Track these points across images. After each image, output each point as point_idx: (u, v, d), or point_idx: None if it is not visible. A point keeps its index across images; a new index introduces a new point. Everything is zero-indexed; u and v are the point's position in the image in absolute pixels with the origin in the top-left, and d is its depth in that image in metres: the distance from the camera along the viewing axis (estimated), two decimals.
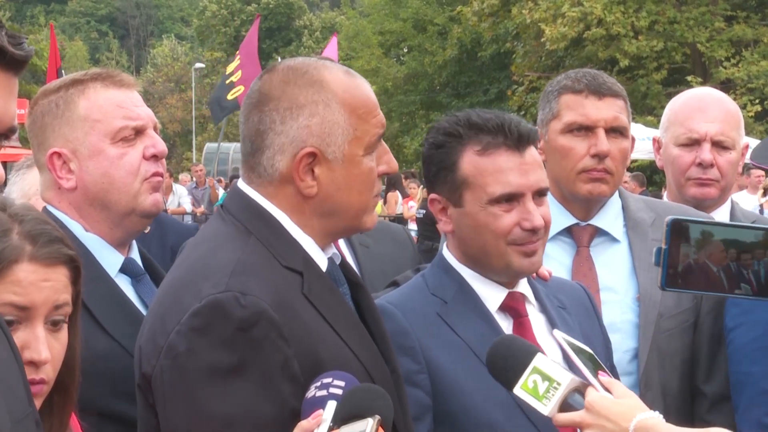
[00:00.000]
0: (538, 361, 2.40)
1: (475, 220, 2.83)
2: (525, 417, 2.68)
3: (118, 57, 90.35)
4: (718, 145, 3.79)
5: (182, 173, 29.55)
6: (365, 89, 2.51)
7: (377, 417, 2.11)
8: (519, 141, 2.80)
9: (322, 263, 2.49)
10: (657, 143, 3.99)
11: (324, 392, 2.22)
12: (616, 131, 3.41)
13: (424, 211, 15.85)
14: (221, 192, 22.38)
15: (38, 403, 2.17)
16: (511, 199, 2.79)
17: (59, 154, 2.91)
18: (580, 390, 2.38)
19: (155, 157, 2.97)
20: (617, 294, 3.40)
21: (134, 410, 2.65)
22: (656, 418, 2.29)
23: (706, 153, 3.77)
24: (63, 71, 16.05)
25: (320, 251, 2.49)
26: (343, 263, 2.64)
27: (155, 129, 3.02)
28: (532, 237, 2.79)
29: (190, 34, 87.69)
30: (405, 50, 45.46)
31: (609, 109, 3.40)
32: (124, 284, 2.94)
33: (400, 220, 19.18)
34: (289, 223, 2.45)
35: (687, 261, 2.39)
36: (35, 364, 2.18)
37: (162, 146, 2.99)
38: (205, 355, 2.25)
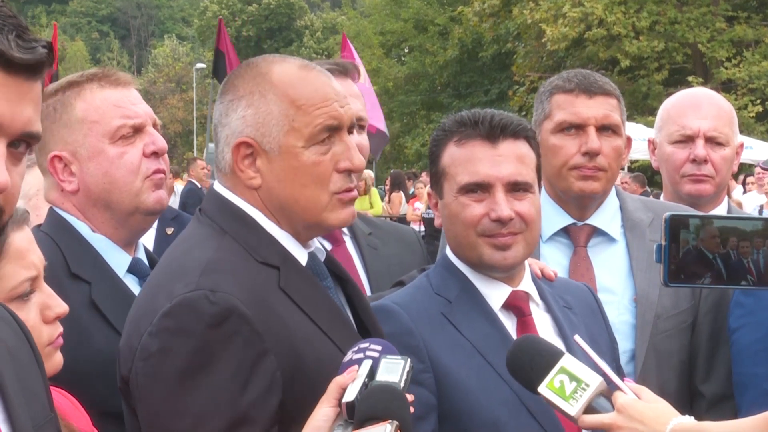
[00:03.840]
0: (565, 361, 2.40)
1: (449, 210, 2.86)
2: (530, 415, 2.69)
3: (119, 57, 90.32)
4: (712, 141, 3.81)
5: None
6: (317, 82, 2.46)
7: (395, 423, 2.10)
8: (491, 132, 2.81)
9: (301, 258, 2.48)
10: (652, 144, 4.01)
11: (361, 355, 2.23)
12: (608, 129, 3.40)
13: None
14: None
15: None
16: (481, 189, 2.80)
17: (60, 158, 2.91)
18: (605, 394, 2.38)
19: (155, 154, 2.95)
20: (615, 295, 3.40)
21: None
22: (692, 421, 2.28)
23: (699, 149, 3.79)
24: (59, 75, 15.72)
25: (299, 246, 2.49)
26: (329, 258, 2.63)
27: (155, 126, 3.00)
28: (500, 229, 2.78)
29: (191, 34, 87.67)
30: (406, 50, 45.48)
31: (600, 107, 3.40)
32: (132, 284, 2.94)
33: (403, 220, 19.15)
34: (263, 219, 2.46)
35: (687, 255, 2.39)
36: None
37: (162, 143, 2.97)
38: (177, 354, 2.26)
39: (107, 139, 2.90)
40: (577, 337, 2.54)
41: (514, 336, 2.80)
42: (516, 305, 2.86)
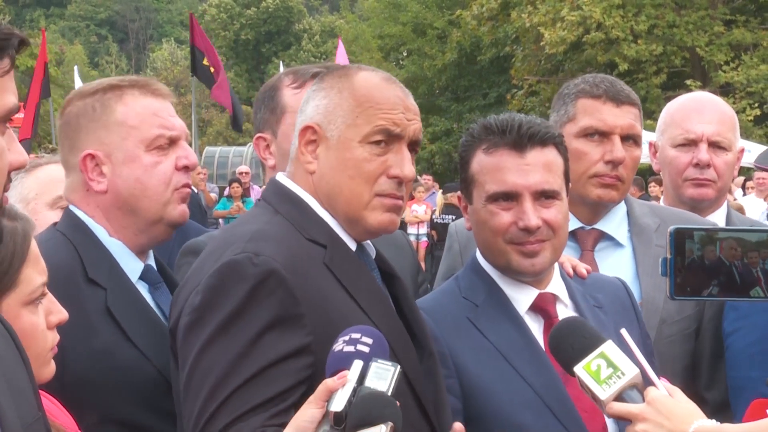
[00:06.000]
0: (606, 347, 2.45)
1: (478, 217, 2.91)
2: (554, 417, 2.73)
3: (117, 61, 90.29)
4: (715, 146, 3.83)
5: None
6: (390, 93, 2.63)
7: (390, 424, 2.13)
8: (518, 141, 2.85)
9: (350, 244, 2.61)
10: (653, 147, 4.02)
11: (351, 348, 2.25)
12: (630, 139, 3.44)
13: (452, 217, 16.01)
14: (215, 196, 22.45)
15: None
16: (510, 198, 2.85)
17: (93, 156, 2.92)
18: (638, 387, 2.40)
19: (186, 168, 2.99)
20: None
21: (157, 421, 2.71)
22: (716, 425, 2.30)
23: (703, 153, 3.80)
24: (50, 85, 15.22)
25: (348, 235, 2.61)
26: (380, 256, 2.74)
27: (187, 140, 3.04)
28: (528, 237, 2.83)
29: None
30: (404, 54, 45.47)
31: (625, 117, 3.43)
32: (143, 291, 2.95)
33: (401, 223, 19.15)
34: (317, 205, 2.60)
35: (693, 268, 2.40)
36: None
37: (194, 158, 3.02)
38: (216, 309, 2.39)
39: (144, 146, 2.93)
40: (623, 331, 2.56)
41: (540, 339, 2.85)
42: (543, 308, 2.90)
